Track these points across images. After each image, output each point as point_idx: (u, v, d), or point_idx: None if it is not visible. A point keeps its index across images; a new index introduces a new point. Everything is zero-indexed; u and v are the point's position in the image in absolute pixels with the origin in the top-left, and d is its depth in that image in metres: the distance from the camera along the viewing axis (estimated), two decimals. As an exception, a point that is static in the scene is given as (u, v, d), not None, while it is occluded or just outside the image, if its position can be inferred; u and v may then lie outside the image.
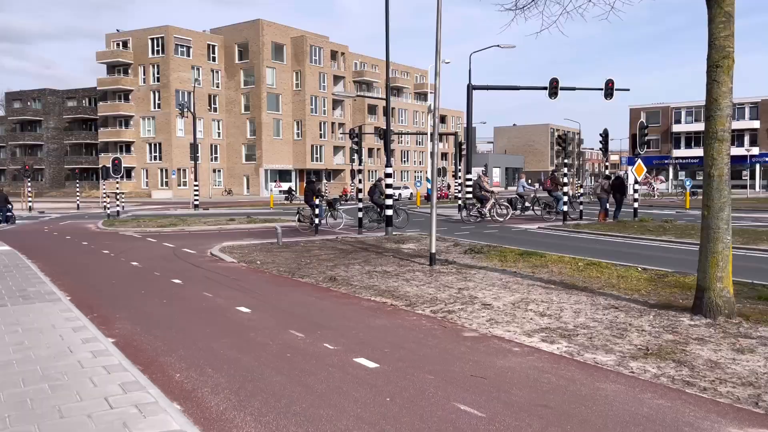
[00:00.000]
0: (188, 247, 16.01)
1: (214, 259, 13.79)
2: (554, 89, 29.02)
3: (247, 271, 11.90)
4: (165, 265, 12.79)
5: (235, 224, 23.73)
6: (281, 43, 70.33)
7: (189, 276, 11.13)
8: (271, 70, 69.67)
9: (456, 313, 7.80)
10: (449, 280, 10.12)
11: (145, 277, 11.02)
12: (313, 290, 9.67)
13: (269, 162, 69.56)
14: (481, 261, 12.26)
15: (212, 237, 19.13)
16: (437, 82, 11.72)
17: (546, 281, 9.81)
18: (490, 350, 6.10)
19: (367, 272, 11.23)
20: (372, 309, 8.17)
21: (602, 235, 17.33)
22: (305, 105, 71.00)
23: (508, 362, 5.68)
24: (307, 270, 11.68)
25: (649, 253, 13.60)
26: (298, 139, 71.79)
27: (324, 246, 15.50)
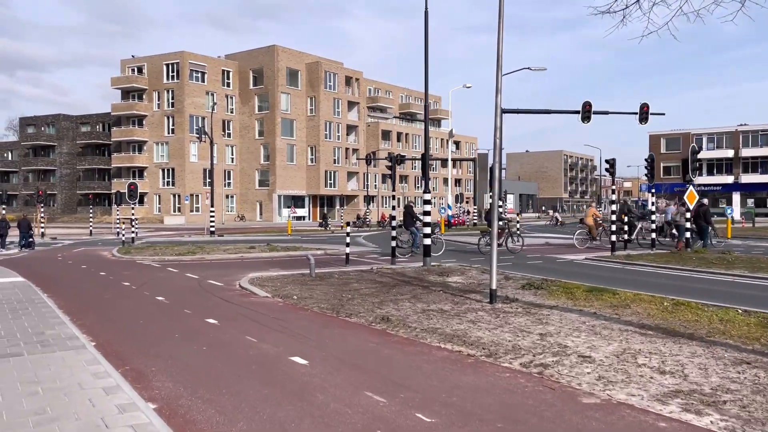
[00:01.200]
0: (213, 278, 14.85)
1: (244, 292, 12.60)
2: (587, 113, 27.88)
3: (285, 307, 10.69)
4: (193, 300, 11.61)
5: (256, 252, 22.59)
6: (296, 68, 69.98)
7: (223, 314, 9.92)
8: (286, 95, 69.20)
9: (552, 367, 6.55)
10: (522, 323, 8.87)
11: (176, 316, 9.82)
12: (368, 333, 8.45)
13: (283, 187, 68.70)
14: (545, 298, 11.00)
15: (235, 266, 17.98)
16: (498, 100, 10.59)
17: (638, 325, 8.54)
18: (629, 425, 4.84)
19: (421, 311, 10.01)
20: (449, 360, 6.93)
21: (661, 267, 16.04)
22: (319, 130, 70.36)
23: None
24: (352, 307, 10.47)
25: (729, 290, 12.30)
26: (311, 164, 71.02)
27: (362, 278, 14.29)
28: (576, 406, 5.31)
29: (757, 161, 65.24)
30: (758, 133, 65.73)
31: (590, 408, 5.26)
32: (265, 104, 69.08)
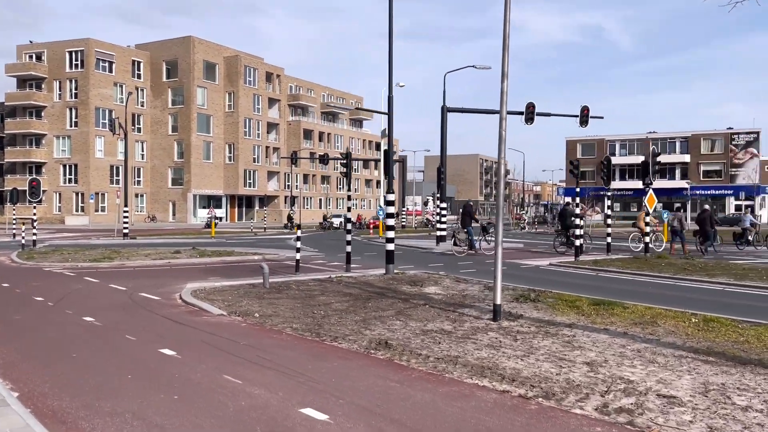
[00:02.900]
0: (146, 291, 12.64)
1: (191, 309, 10.55)
2: (530, 114, 27.42)
3: (250, 329, 8.82)
4: (131, 321, 9.47)
5: (184, 257, 20.19)
6: (213, 62, 66.51)
7: (178, 341, 7.93)
8: (202, 89, 65.61)
9: (639, 413, 5.18)
10: (551, 347, 7.49)
11: (118, 345, 7.72)
12: (374, 365, 6.79)
13: (198, 187, 65.03)
14: (552, 314, 9.71)
15: (165, 275, 15.72)
16: (504, 95, 9.20)
17: (688, 349, 7.35)
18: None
19: (420, 332, 8.45)
20: (506, 407, 5.40)
21: (636, 274, 15.25)
22: (238, 127, 67.23)
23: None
24: (334, 328, 8.77)
25: (727, 300, 11.52)
26: (230, 162, 67.72)
27: (325, 289, 12.52)
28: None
29: (665, 167, 68.16)
30: (666, 140, 68.82)
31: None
32: (179, 98, 65.16)
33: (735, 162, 65.45)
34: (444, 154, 25.86)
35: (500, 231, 9.38)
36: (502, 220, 9.38)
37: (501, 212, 9.35)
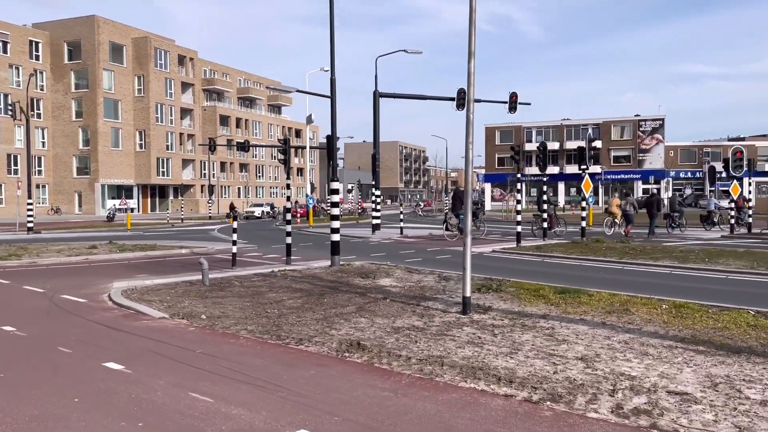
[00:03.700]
0: (67, 292, 11.38)
1: (127, 312, 9.49)
2: (462, 100, 27.26)
3: (201, 334, 7.94)
4: (61, 329, 8.33)
5: (102, 253, 18.66)
6: (120, 43, 62.70)
7: (122, 352, 6.96)
8: (109, 72, 61.76)
9: (658, 414, 4.85)
10: (536, 342, 7.11)
11: (52, 360, 6.66)
12: (355, 371, 6.16)
13: (107, 176, 61.34)
14: (520, 304, 9.38)
15: (85, 273, 14.36)
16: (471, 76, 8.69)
17: (674, 338, 7.15)
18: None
19: (391, 329, 7.88)
20: (518, 415, 4.92)
21: (581, 259, 15.30)
22: (149, 113, 63.85)
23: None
24: (294, 328, 8.06)
25: (679, 284, 11.64)
26: (141, 150, 64.28)
27: (272, 285, 11.68)
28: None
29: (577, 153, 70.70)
30: (579, 127, 71.29)
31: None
32: (83, 82, 61.03)
33: (642, 147, 68.76)
34: (377, 140, 25.33)
35: (469, 219, 8.91)
36: (470, 207, 8.92)
37: (469, 198, 8.89)
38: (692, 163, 71.44)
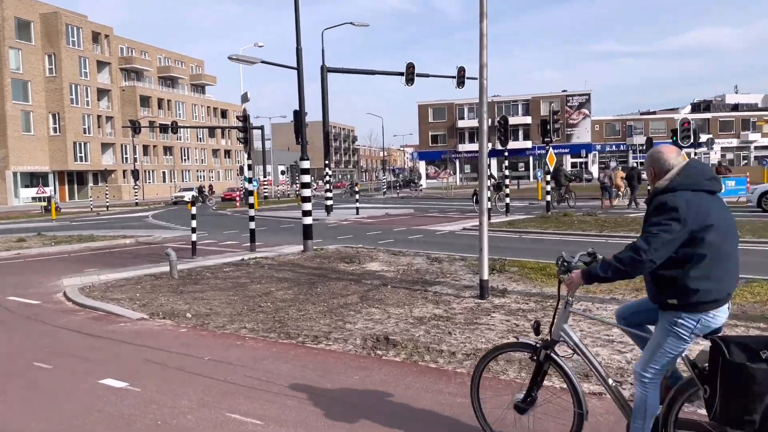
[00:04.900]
0: (12, 293, 10.01)
1: (97, 315, 8.27)
2: (411, 75, 26.54)
3: (196, 336, 6.92)
4: (25, 339, 7.07)
5: (35, 246, 16.88)
6: (27, 19, 57.93)
7: (117, 364, 5.86)
8: (16, 51, 57.02)
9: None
10: (581, 326, 6.53)
11: (34, 381, 5.48)
12: (403, 372, 5.40)
13: (19, 163, 56.92)
14: (533, 285, 8.81)
15: (23, 270, 12.87)
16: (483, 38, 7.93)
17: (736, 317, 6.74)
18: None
19: (413, 319, 7.15)
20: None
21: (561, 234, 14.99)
22: (63, 94, 59.55)
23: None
24: (299, 323, 7.21)
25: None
26: (56, 134, 59.97)
27: (251, 275, 10.63)
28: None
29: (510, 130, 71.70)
30: (510, 103, 72.18)
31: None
32: (-13, 61, 56.10)
33: (570, 122, 70.38)
34: (326, 118, 24.21)
35: (485, 198, 8.23)
36: (486, 186, 8.22)
37: (485, 177, 8.19)
38: (616, 137, 73.90)
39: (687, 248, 3.02)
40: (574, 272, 3.42)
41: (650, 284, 3.24)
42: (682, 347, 3.14)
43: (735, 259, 3.14)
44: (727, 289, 3.10)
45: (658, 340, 3.20)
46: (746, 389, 2.77)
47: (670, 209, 3.01)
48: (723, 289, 3.07)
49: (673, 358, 3.21)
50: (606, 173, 24.60)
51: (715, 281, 3.04)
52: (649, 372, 3.20)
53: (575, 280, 3.38)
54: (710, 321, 3.07)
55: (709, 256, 3.02)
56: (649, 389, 3.20)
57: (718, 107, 79.84)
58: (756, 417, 2.77)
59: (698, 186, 3.08)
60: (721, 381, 2.83)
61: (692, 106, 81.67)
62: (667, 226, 2.99)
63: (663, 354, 3.17)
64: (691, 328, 3.07)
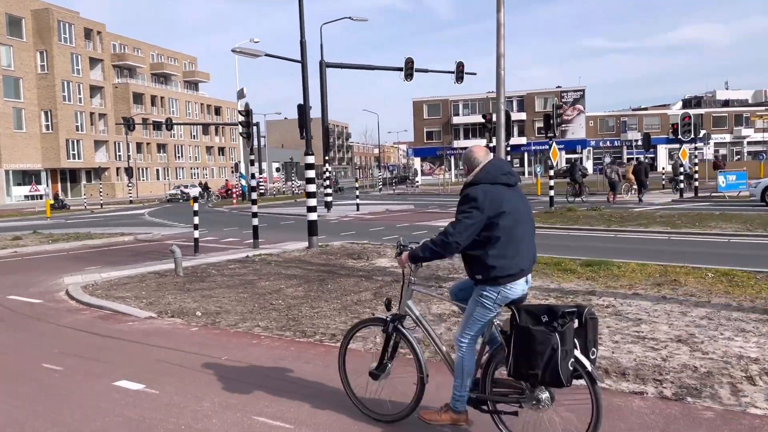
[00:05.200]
0: (12, 291, 9.80)
1: (103, 314, 8.03)
2: (410, 70, 26.25)
3: (208, 335, 6.69)
4: (30, 339, 6.83)
5: (33, 245, 16.57)
6: (18, 15, 57.25)
7: (130, 365, 5.63)
8: (7, 48, 56.36)
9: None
10: (608, 322, 6.34)
11: (44, 384, 5.24)
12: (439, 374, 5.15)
13: (11, 161, 56.30)
14: (551, 280, 8.62)
15: (22, 268, 12.65)
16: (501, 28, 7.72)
17: (755, 310, 6.57)
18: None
19: (434, 317, 6.95)
20: (674, 417, 4.10)
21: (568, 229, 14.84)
22: (55, 91, 58.94)
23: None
24: (315, 321, 7.03)
25: (688, 249, 11.28)
26: (48, 132, 59.35)
27: (257, 272, 10.40)
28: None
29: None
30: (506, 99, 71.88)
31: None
32: (-23, 58, 55.45)
33: (565, 118, 70.29)
34: (326, 114, 23.90)
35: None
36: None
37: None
38: (611, 133, 73.91)
39: (486, 232, 3.56)
40: (404, 254, 3.89)
41: (465, 263, 3.75)
42: (489, 315, 3.66)
43: (527, 241, 3.67)
44: (520, 266, 3.60)
45: (470, 310, 3.72)
46: (530, 348, 3.32)
47: (471, 199, 3.56)
48: (516, 266, 3.58)
49: (483, 325, 3.71)
50: (612, 168, 24.80)
51: (509, 259, 3.55)
52: (464, 338, 3.73)
53: (403, 260, 3.88)
54: (508, 292, 3.60)
55: (503, 238, 3.55)
56: (465, 353, 3.71)
57: (709, 103, 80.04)
58: (538, 371, 3.30)
59: (496, 180, 3.62)
60: (513, 342, 3.40)
61: (683, 102, 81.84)
62: (469, 214, 3.54)
63: (474, 322, 3.70)
64: (493, 298, 3.60)
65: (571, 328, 3.31)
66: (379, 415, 4.16)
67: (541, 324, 3.33)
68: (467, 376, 3.73)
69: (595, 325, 3.43)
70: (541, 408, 3.48)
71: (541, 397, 3.46)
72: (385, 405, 4.20)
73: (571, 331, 3.30)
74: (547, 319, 3.33)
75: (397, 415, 4.08)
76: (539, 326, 3.32)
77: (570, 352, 3.30)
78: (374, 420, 4.19)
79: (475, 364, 3.74)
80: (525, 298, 3.71)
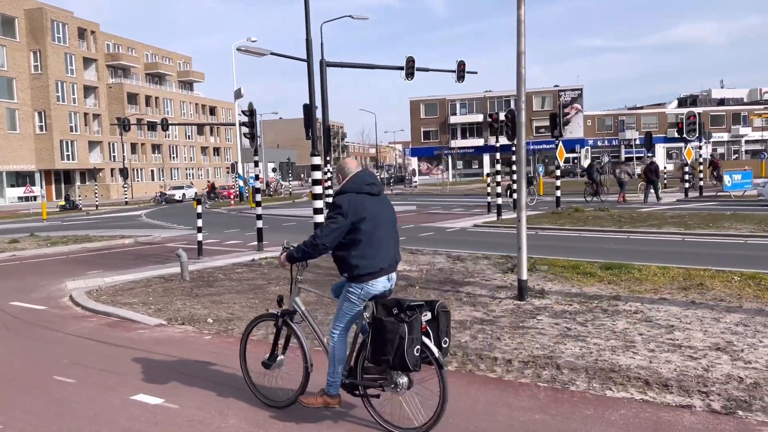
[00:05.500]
0: (13, 297, 9.54)
1: (110, 321, 7.76)
2: (411, 69, 26.06)
3: (223, 344, 6.46)
4: (36, 347, 6.56)
5: (32, 248, 16.26)
6: (11, 15, 56.68)
7: (145, 376, 5.38)
8: (0, 48, 55.82)
9: None
10: (639, 330, 6.13)
11: (56, 398, 4.97)
12: (465, 382, 4.96)
13: (5, 162, 55.76)
14: (571, 284, 8.40)
15: (22, 272, 12.35)
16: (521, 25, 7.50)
17: (788, 315, 6.36)
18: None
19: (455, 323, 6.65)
20: (733, 433, 3.87)
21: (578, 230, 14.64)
22: (49, 92, 58.39)
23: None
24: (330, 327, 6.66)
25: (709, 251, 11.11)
26: (42, 133, 58.80)
27: (266, 276, 10.15)
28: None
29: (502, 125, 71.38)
30: (502, 98, 71.84)
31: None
32: (-30, 58, 54.89)
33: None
34: (326, 114, 23.62)
35: (523, 193, 7.80)
36: (524, 180, 7.80)
37: (523, 171, 7.77)
38: (609, 132, 73.88)
39: (350, 235, 3.99)
40: (282, 254, 4.31)
41: (335, 263, 4.14)
42: (356, 309, 4.05)
43: (387, 244, 4.10)
44: (380, 265, 4.02)
45: (339, 304, 4.16)
46: (382, 336, 3.74)
47: (337, 206, 4.00)
48: (376, 265, 4.00)
49: (351, 318, 4.12)
50: (622, 168, 25.02)
51: (370, 259, 3.98)
52: (336, 329, 4.14)
53: (281, 260, 4.32)
54: (370, 289, 4.01)
55: (364, 241, 3.97)
56: (336, 343, 4.11)
57: (705, 102, 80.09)
58: (389, 357, 3.72)
59: (360, 190, 4.07)
60: (371, 331, 3.83)
61: (679, 101, 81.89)
62: (335, 219, 3.98)
63: (343, 315, 4.14)
64: (357, 294, 4.02)
65: (419, 319, 3.74)
66: (272, 401, 4.54)
67: (392, 316, 3.76)
68: (339, 363, 4.12)
69: (448, 318, 3.96)
70: (399, 391, 3.89)
71: (400, 382, 3.85)
72: (277, 392, 4.60)
73: (418, 321, 3.73)
74: (397, 311, 3.77)
75: (287, 401, 4.45)
76: (390, 317, 3.75)
77: (417, 340, 3.71)
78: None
79: (346, 353, 4.12)
80: (389, 293, 4.13)
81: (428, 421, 3.88)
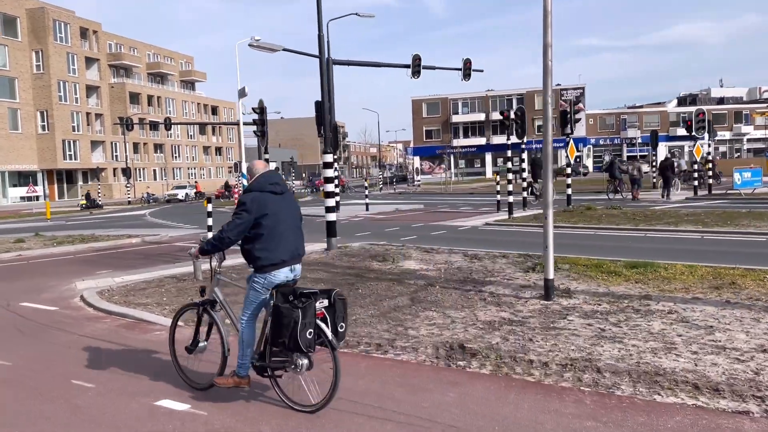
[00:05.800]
0: (23, 298, 9.31)
1: (125, 322, 7.56)
2: (417, 68, 25.74)
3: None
4: (51, 351, 6.35)
5: (38, 248, 16.07)
6: (13, 15, 56.52)
7: (168, 381, 5.16)
8: (2, 47, 55.67)
9: None
10: (678, 331, 5.90)
11: (77, 405, 4.76)
12: (502, 387, 4.77)
13: (6, 162, 55.58)
14: (597, 284, 8.17)
15: (31, 272, 12.15)
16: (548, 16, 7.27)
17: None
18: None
19: (483, 324, 6.49)
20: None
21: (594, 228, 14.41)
22: (51, 91, 58.23)
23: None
24: (353, 329, 6.49)
25: (732, 249, 10.87)
26: (44, 132, 58.63)
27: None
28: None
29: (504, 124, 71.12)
30: (504, 97, 71.57)
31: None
32: (-28, 58, 54.71)
33: (565, 117, 69.98)
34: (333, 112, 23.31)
35: (549, 190, 7.58)
36: (550, 177, 7.57)
37: (550, 168, 7.54)
38: (611, 131, 73.62)
39: (254, 230, 4.38)
40: (194, 248, 4.73)
41: (242, 255, 4.51)
42: (261, 297, 4.45)
43: (288, 238, 4.47)
44: (281, 257, 4.40)
45: (247, 293, 4.55)
46: (279, 321, 4.15)
47: (242, 204, 4.40)
48: (278, 257, 4.39)
49: (257, 305, 4.52)
50: (635, 165, 24.91)
51: (271, 252, 4.38)
52: (244, 316, 4.53)
53: (194, 253, 4.71)
54: (273, 278, 4.41)
55: (266, 235, 4.38)
56: (244, 328, 4.51)
57: (704, 101, 79.81)
58: (285, 339, 4.10)
59: (263, 188, 4.46)
60: (271, 317, 4.27)
61: (678, 100, 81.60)
62: (240, 215, 4.37)
63: (250, 303, 4.53)
64: (261, 283, 4.43)
65: (312, 306, 4.12)
66: (196, 384, 4.88)
67: (288, 302, 4.14)
68: (247, 346, 4.52)
69: (344, 304, 4.36)
70: (298, 372, 4.27)
71: (299, 363, 4.21)
72: (200, 375, 4.96)
73: (312, 307, 4.11)
74: (293, 299, 4.14)
75: (206, 384, 4.78)
76: (286, 304, 4.14)
77: (310, 324, 4.09)
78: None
79: (254, 337, 4.54)
80: (293, 283, 4.50)
81: (322, 399, 4.26)
